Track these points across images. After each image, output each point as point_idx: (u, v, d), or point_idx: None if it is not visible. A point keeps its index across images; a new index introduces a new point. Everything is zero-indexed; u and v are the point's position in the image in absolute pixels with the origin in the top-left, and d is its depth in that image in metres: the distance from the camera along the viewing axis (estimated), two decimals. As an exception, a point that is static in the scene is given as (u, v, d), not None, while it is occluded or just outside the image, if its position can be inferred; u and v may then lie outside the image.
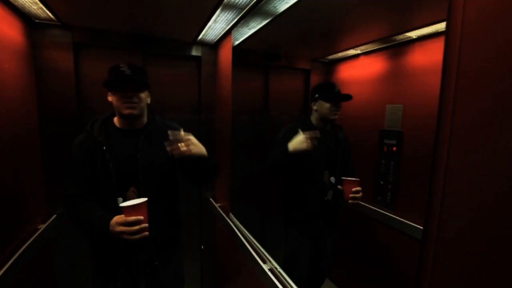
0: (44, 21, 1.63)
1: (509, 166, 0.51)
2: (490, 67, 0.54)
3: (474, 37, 0.57)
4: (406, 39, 1.26)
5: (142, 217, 1.02)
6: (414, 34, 1.20)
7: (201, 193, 2.31)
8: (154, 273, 1.28)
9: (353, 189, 1.28)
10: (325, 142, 1.47)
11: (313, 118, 1.52)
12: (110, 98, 1.20)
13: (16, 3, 1.37)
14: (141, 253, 1.23)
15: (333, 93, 1.43)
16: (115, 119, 1.26)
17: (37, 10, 1.47)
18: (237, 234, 1.60)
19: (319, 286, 1.75)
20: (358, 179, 1.29)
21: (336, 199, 1.49)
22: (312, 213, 1.51)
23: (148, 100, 1.27)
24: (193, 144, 1.12)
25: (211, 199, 2.26)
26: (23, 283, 1.39)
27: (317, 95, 1.47)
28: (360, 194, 1.29)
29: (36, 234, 1.52)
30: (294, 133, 1.38)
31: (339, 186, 1.35)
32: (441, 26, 0.64)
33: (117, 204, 1.14)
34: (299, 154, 1.30)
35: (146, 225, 1.04)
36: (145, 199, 1.06)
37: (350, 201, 1.28)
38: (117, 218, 1.04)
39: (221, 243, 2.13)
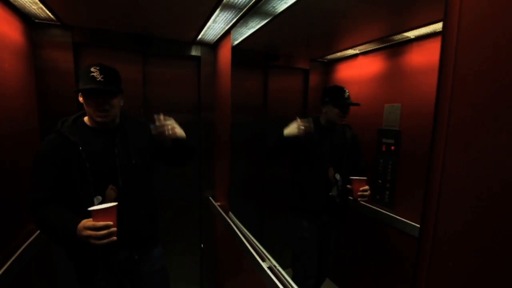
0: (44, 21, 1.64)
1: (505, 165, 0.52)
2: (486, 66, 0.55)
3: (471, 37, 0.58)
4: (404, 39, 1.26)
5: (111, 222, 1.00)
6: (412, 34, 1.20)
7: (201, 192, 2.32)
8: (135, 269, 1.28)
9: (361, 188, 1.34)
10: (331, 139, 1.55)
11: (322, 118, 1.59)
12: (81, 99, 1.17)
13: (16, 3, 1.38)
14: (121, 250, 1.23)
15: (342, 99, 1.48)
16: (86, 119, 1.23)
17: (37, 10, 1.47)
18: (237, 233, 1.61)
19: (322, 281, 1.78)
20: (365, 177, 1.34)
21: (342, 196, 1.54)
22: (316, 207, 1.57)
23: (121, 103, 1.25)
24: (176, 127, 1.22)
25: (210, 198, 2.27)
26: (23, 283, 1.40)
27: (327, 99, 1.52)
28: (368, 192, 1.35)
29: (36, 234, 1.52)
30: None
31: (348, 186, 1.40)
32: (439, 26, 0.65)
33: (94, 203, 1.14)
34: (293, 139, 1.42)
35: (115, 229, 1.01)
36: (115, 203, 1.04)
37: (359, 199, 1.35)
38: (85, 222, 1.01)
39: (221, 241, 2.14)
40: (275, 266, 1.24)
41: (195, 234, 2.37)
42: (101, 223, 0.99)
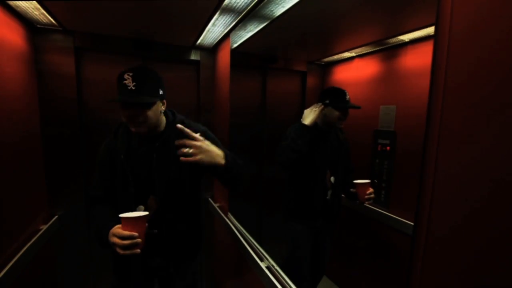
0: (46, 27, 1.67)
1: (495, 165, 0.53)
2: (476, 69, 0.56)
3: (461, 40, 0.59)
4: (399, 42, 1.28)
5: (136, 233, 0.95)
6: (406, 37, 1.22)
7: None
8: (169, 279, 1.26)
9: (367, 192, 1.35)
10: (329, 143, 1.54)
11: (319, 120, 1.53)
12: None
13: (18, 9, 1.40)
14: (157, 257, 1.21)
15: (343, 102, 1.47)
16: None
17: (39, 16, 1.50)
18: (235, 233, 1.63)
19: (318, 280, 1.79)
20: (369, 181, 1.36)
21: (336, 199, 1.54)
22: (314, 211, 1.56)
23: (162, 108, 1.15)
24: (202, 153, 0.99)
25: (210, 199, 2.28)
26: (24, 284, 1.41)
27: (327, 101, 1.50)
28: (373, 196, 1.36)
29: (37, 235, 1.54)
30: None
31: (351, 189, 1.39)
32: (432, 30, 0.67)
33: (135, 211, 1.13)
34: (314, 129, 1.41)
35: (139, 241, 0.96)
36: (145, 213, 1.00)
37: (366, 202, 1.36)
38: (114, 229, 0.99)
39: (220, 242, 2.15)
40: (273, 266, 1.26)
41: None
42: (127, 232, 0.95)
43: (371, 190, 1.35)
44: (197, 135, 1.01)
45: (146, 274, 1.23)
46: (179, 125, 1.00)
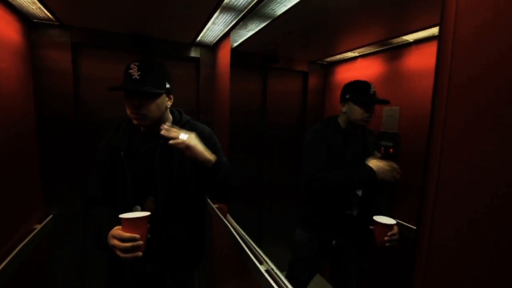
0: (43, 21, 1.64)
1: (500, 168, 0.52)
2: (480, 70, 0.56)
3: (466, 41, 0.59)
4: (403, 42, 1.27)
5: (138, 235, 0.91)
6: (410, 37, 1.21)
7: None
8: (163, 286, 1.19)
9: (389, 233, 1.06)
10: (353, 147, 1.34)
11: (341, 120, 1.37)
12: None
13: (14, 3, 1.37)
14: (150, 263, 1.15)
15: (366, 96, 1.26)
16: None
17: (36, 10, 1.47)
18: (234, 235, 1.60)
19: None
20: (395, 222, 1.07)
21: (363, 216, 1.31)
22: (330, 226, 1.38)
23: (168, 104, 1.12)
24: (188, 149, 0.98)
25: (208, 200, 2.26)
26: (18, 283, 1.38)
27: (347, 96, 1.31)
28: (397, 236, 1.07)
29: (32, 234, 1.51)
30: (325, 134, 1.34)
31: (370, 227, 1.11)
32: (436, 30, 0.65)
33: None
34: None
35: (141, 243, 0.91)
36: (147, 213, 0.96)
37: (386, 244, 1.07)
38: (114, 230, 0.94)
39: (218, 244, 2.13)
40: (273, 269, 1.24)
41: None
42: (127, 234, 0.90)
43: (395, 230, 1.07)
44: (181, 138, 0.97)
45: (140, 283, 1.16)
46: (164, 126, 0.98)
